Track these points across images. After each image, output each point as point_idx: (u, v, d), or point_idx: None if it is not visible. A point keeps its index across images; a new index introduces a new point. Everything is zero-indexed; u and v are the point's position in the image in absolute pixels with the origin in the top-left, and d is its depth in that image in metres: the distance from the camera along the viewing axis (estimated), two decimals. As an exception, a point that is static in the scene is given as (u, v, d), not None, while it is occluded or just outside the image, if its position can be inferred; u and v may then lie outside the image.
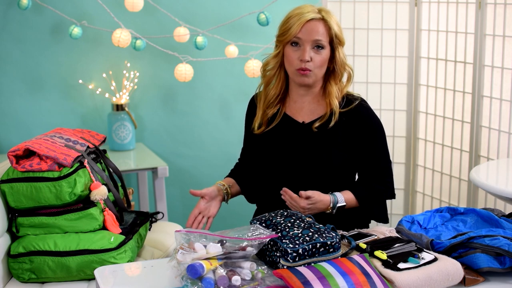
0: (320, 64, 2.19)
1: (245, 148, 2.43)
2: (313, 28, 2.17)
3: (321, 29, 2.18)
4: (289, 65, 2.22)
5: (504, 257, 1.78)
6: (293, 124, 2.27)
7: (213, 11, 3.87)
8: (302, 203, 2.10)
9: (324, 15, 2.19)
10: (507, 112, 3.10)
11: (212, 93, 3.99)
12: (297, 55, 2.18)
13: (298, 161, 2.21)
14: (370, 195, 2.24)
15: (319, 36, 2.17)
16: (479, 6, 3.17)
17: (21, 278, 2.19)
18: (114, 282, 1.81)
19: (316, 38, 2.17)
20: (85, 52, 3.74)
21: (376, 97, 3.64)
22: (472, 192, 3.32)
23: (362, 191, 2.23)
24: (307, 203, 2.10)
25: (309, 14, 2.18)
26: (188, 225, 2.23)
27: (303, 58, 2.16)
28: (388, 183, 2.29)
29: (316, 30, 2.17)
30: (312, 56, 2.17)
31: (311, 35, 2.16)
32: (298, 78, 2.21)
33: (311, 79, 2.21)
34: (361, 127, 2.25)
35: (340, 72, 2.25)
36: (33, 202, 2.16)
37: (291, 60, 2.20)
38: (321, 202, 2.13)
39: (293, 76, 2.23)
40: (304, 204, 2.10)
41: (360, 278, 1.62)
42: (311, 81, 2.22)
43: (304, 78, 2.20)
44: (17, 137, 3.64)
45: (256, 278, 1.67)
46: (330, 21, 2.18)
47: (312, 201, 2.11)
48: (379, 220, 2.32)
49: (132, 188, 3.27)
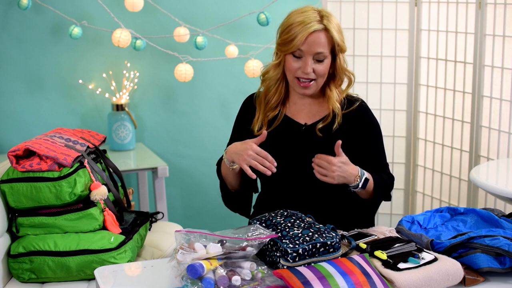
0: (322, 73, 2.18)
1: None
2: (315, 40, 2.13)
3: (323, 40, 2.14)
4: (289, 73, 2.20)
5: (504, 257, 1.78)
6: (294, 126, 2.27)
7: (213, 11, 3.87)
8: (335, 160, 2.06)
9: (326, 23, 2.14)
10: (507, 112, 3.10)
11: (212, 93, 4.00)
12: (298, 65, 2.16)
13: (301, 163, 2.21)
14: (383, 183, 2.23)
15: (321, 48, 2.14)
16: (479, 6, 3.17)
17: (21, 278, 2.19)
18: (114, 282, 1.81)
19: (318, 51, 2.14)
20: (85, 52, 3.74)
21: (376, 97, 3.64)
22: (472, 192, 3.32)
23: (377, 178, 2.22)
24: (339, 159, 2.07)
25: (312, 25, 2.12)
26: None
27: (305, 70, 2.15)
28: (392, 179, 2.31)
29: (319, 42, 2.14)
30: (314, 67, 2.16)
31: (313, 48, 2.13)
32: (298, 89, 2.20)
33: (312, 89, 2.20)
34: (363, 127, 2.25)
35: (340, 78, 2.24)
36: (33, 202, 2.16)
37: (292, 69, 2.18)
38: (351, 165, 2.10)
39: (293, 85, 2.22)
40: (336, 160, 2.06)
41: (360, 278, 1.62)
42: (312, 91, 2.21)
43: (304, 90, 2.20)
44: (17, 137, 3.64)
45: (256, 278, 1.67)
46: (332, 30, 2.14)
47: (343, 160, 2.07)
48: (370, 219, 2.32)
49: (132, 188, 3.27)
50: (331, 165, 2.05)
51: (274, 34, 2.28)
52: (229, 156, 2.12)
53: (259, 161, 2.03)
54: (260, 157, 2.03)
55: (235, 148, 2.10)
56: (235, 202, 2.33)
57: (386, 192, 2.27)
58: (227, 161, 2.15)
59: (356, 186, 2.12)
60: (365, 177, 2.13)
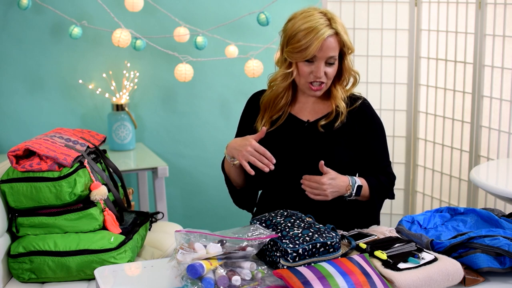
0: (332, 75, 2.20)
1: None
2: (329, 46, 2.14)
3: (335, 44, 2.16)
4: (301, 78, 2.20)
5: (504, 257, 1.78)
6: (298, 123, 2.27)
7: (213, 11, 3.87)
8: (323, 179, 2.08)
9: (335, 27, 2.15)
10: (507, 112, 3.10)
11: (212, 93, 4.00)
12: (310, 69, 2.17)
13: (304, 160, 2.21)
14: (380, 186, 2.24)
15: (333, 52, 2.16)
16: (479, 6, 3.17)
17: (21, 278, 2.19)
18: (114, 282, 1.81)
19: (330, 55, 2.16)
20: (85, 52, 3.74)
21: (376, 97, 3.64)
22: (472, 192, 3.32)
23: (373, 181, 2.23)
24: (327, 177, 2.09)
25: (324, 31, 2.12)
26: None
27: (317, 74, 2.16)
28: (392, 179, 2.31)
29: (332, 47, 2.15)
30: (325, 70, 2.17)
31: (326, 53, 2.15)
32: (309, 92, 2.22)
33: (322, 91, 2.23)
34: (366, 125, 2.26)
35: (346, 78, 2.26)
36: (33, 202, 2.16)
37: (304, 74, 2.18)
38: (340, 179, 2.12)
39: (304, 88, 2.23)
40: (325, 179, 2.08)
41: (360, 278, 1.62)
42: (321, 93, 2.24)
43: (316, 93, 2.22)
44: (17, 137, 3.64)
45: (256, 278, 1.67)
46: (341, 33, 2.16)
47: (331, 176, 2.10)
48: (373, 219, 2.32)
49: (132, 188, 3.27)
50: (321, 185, 2.09)
51: (274, 34, 2.28)
52: (229, 151, 2.15)
53: (257, 157, 2.05)
54: (258, 153, 2.05)
55: (235, 144, 2.12)
56: (241, 199, 2.36)
57: (384, 193, 2.28)
58: (228, 156, 2.17)
59: (350, 195, 2.16)
60: (357, 184, 2.16)
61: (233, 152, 2.13)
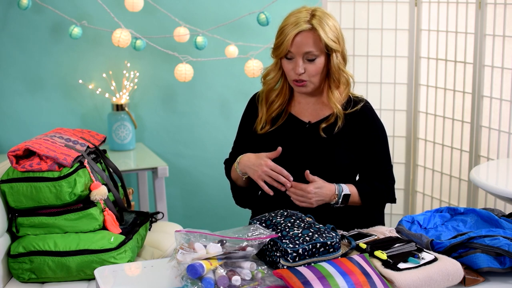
0: (314, 73, 2.18)
1: (241, 147, 2.40)
2: (302, 41, 2.14)
3: (311, 40, 2.14)
4: (287, 76, 2.23)
5: (504, 257, 1.78)
6: (298, 124, 2.27)
7: (213, 11, 3.87)
8: (309, 187, 2.09)
9: (315, 23, 2.13)
10: (507, 112, 3.10)
11: (212, 93, 4.00)
12: (291, 66, 2.18)
13: (304, 161, 2.21)
14: (373, 192, 2.24)
15: (309, 48, 2.14)
16: (479, 6, 3.17)
17: (21, 278, 2.19)
18: (114, 282, 1.81)
19: (306, 51, 2.14)
20: (85, 52, 3.74)
21: (376, 97, 3.64)
22: (472, 192, 3.32)
23: (365, 188, 2.23)
24: (313, 186, 2.10)
25: (298, 26, 2.12)
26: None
27: (296, 71, 2.17)
28: (390, 185, 2.30)
29: (306, 43, 2.14)
30: (306, 67, 2.17)
31: (301, 48, 2.14)
32: (296, 88, 2.24)
33: (309, 88, 2.22)
34: (367, 128, 2.25)
35: (336, 79, 2.22)
36: (33, 202, 2.16)
37: (287, 71, 2.21)
38: (326, 187, 2.13)
39: (292, 85, 2.25)
40: (311, 188, 2.09)
41: (360, 278, 1.62)
42: (310, 89, 2.23)
43: (301, 89, 2.22)
44: (17, 137, 3.64)
45: (256, 278, 1.67)
46: (319, 29, 2.13)
47: (317, 185, 2.10)
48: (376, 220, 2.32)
49: (132, 188, 3.27)
50: (306, 193, 2.10)
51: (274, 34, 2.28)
52: (242, 168, 2.18)
53: (274, 177, 2.09)
54: (275, 172, 2.08)
55: (248, 162, 2.15)
56: (244, 198, 2.37)
57: (379, 199, 2.27)
58: (239, 172, 2.20)
59: (336, 203, 2.16)
60: (344, 193, 2.16)
61: (247, 170, 2.16)
